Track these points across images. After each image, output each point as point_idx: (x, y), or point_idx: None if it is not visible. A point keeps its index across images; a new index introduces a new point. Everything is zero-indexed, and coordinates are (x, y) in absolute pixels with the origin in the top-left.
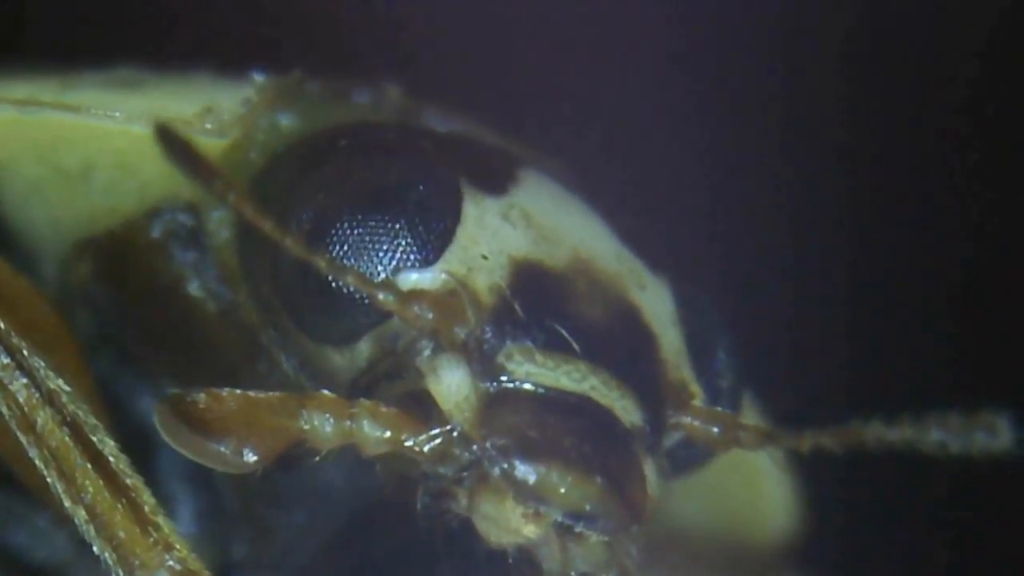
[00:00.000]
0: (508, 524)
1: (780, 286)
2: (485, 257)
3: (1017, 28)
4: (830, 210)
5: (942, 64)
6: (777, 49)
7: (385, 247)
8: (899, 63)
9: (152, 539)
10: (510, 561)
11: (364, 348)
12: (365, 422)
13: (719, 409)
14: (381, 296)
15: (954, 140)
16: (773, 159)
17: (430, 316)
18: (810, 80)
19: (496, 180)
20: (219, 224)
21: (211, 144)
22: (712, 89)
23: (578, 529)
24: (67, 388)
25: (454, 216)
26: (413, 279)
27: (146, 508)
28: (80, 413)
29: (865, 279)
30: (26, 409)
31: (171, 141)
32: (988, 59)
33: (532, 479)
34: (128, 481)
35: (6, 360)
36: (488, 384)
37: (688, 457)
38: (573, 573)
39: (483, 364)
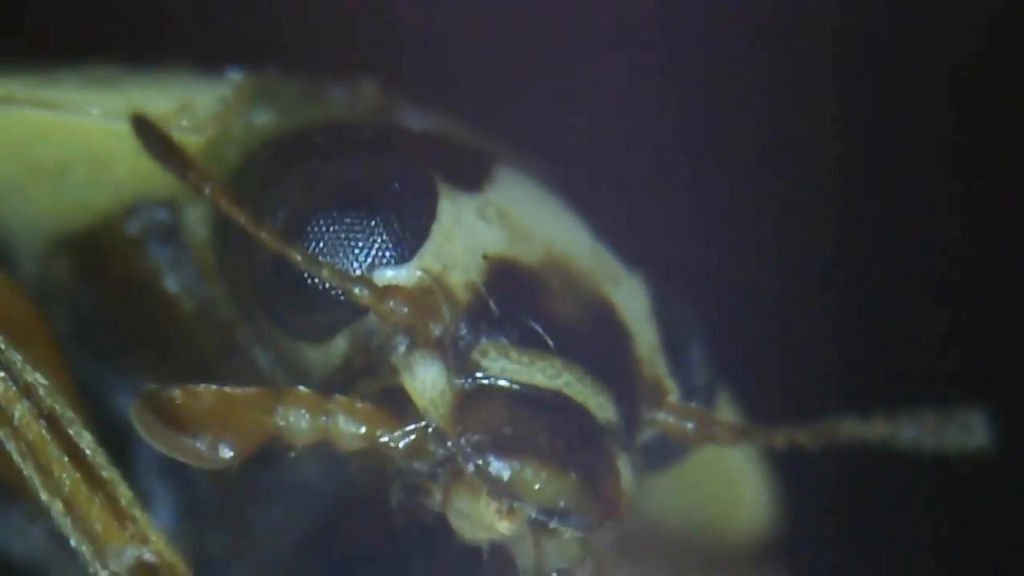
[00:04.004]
0: (482, 520)
1: (755, 282)
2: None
3: (1005, 30)
4: (808, 206)
5: (931, 65)
6: (761, 44)
7: (360, 244)
8: (887, 63)
9: (129, 531)
10: (484, 557)
11: (339, 345)
12: (340, 418)
13: (693, 405)
14: (356, 291)
15: (941, 141)
16: (751, 155)
17: (405, 311)
18: (793, 74)
19: (472, 178)
20: (196, 221)
21: (187, 141)
22: (691, 85)
23: (552, 525)
24: (44, 382)
25: (429, 213)
26: (388, 276)
27: (123, 501)
28: (57, 407)
29: (841, 276)
30: (3, 402)
31: (148, 132)
32: (979, 60)
33: (506, 475)
34: (104, 474)
35: None
36: (463, 381)
37: (663, 453)
38: (547, 569)
39: (458, 361)
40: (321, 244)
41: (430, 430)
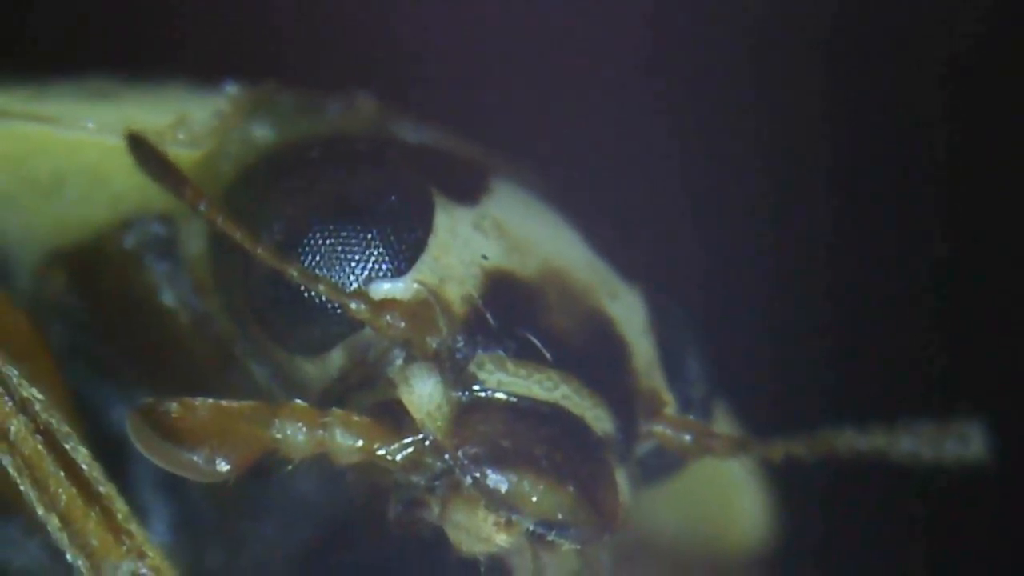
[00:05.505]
0: (480, 533)
1: (753, 295)
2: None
3: (997, 29)
4: (806, 219)
5: (924, 66)
6: (753, 56)
7: (357, 257)
8: (879, 73)
9: (125, 546)
10: (482, 570)
11: (336, 358)
12: (337, 431)
13: (691, 418)
14: (353, 306)
15: (935, 145)
16: (748, 168)
17: (402, 326)
18: (788, 83)
19: (468, 190)
20: (192, 235)
21: (184, 155)
22: (687, 97)
23: (550, 537)
24: (40, 397)
25: (426, 226)
26: (385, 289)
27: (119, 515)
28: (53, 421)
29: (839, 288)
30: None
31: (143, 150)
32: (972, 59)
33: (504, 488)
34: (101, 489)
35: None
36: (460, 393)
37: (660, 465)
38: None
39: (455, 373)
40: (318, 257)
41: (427, 443)
